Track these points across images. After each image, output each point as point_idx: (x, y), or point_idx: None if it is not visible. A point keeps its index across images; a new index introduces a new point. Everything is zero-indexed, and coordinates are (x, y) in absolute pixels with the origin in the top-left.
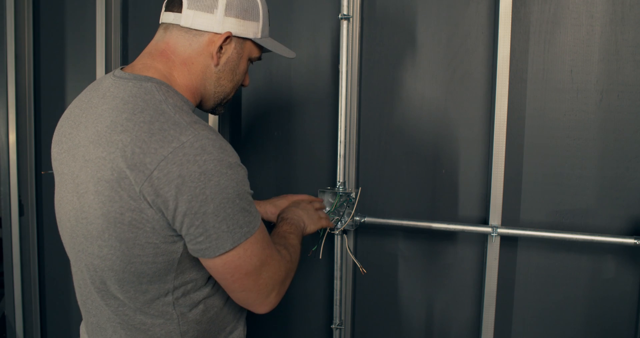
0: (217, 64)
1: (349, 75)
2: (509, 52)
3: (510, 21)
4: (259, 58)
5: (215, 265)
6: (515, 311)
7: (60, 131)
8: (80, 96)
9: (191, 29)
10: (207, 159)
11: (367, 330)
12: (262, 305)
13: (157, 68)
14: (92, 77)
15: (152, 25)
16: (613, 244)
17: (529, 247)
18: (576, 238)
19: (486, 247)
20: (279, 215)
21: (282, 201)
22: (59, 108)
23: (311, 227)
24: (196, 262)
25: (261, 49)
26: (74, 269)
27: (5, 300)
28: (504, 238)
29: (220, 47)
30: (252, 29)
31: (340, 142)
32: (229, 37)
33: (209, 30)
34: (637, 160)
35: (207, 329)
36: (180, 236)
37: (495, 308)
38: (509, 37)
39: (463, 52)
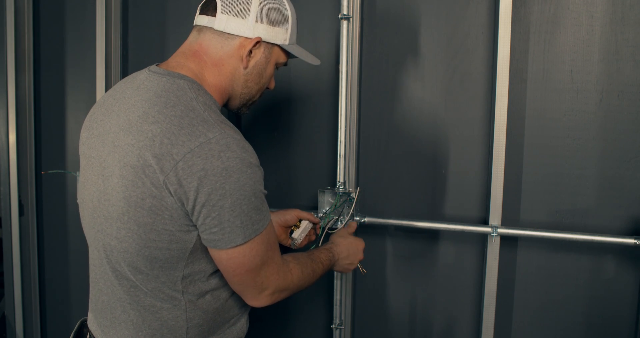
0: (245, 67)
1: (349, 75)
2: (509, 52)
3: (510, 21)
4: (285, 64)
5: (221, 257)
6: (515, 311)
7: (92, 117)
8: (114, 87)
9: (224, 32)
10: (230, 157)
11: (367, 330)
12: (254, 299)
13: (190, 67)
14: (92, 77)
15: (152, 26)
16: (613, 244)
17: (529, 247)
18: (576, 238)
19: (486, 247)
20: (330, 240)
21: (289, 216)
22: (59, 108)
23: (337, 269)
24: (207, 253)
25: (288, 55)
26: (90, 248)
27: (5, 300)
28: (504, 238)
29: (250, 51)
30: (281, 36)
31: (340, 142)
32: (258, 42)
33: (240, 34)
34: (637, 160)
35: (212, 318)
36: (195, 226)
37: (495, 308)
38: (509, 37)
39: (463, 52)
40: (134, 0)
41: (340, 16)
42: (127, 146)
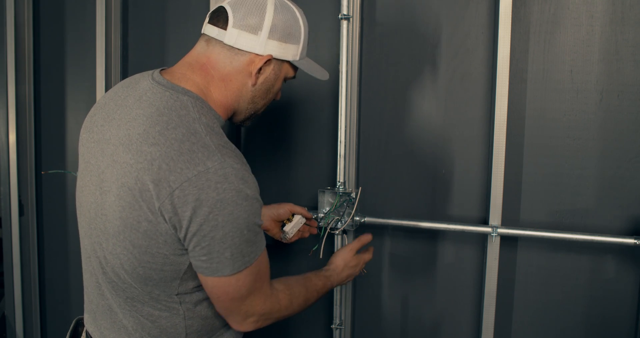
0: (254, 84)
1: (349, 75)
2: (509, 52)
3: (510, 21)
4: (294, 77)
5: (206, 282)
6: (515, 311)
7: (93, 119)
8: (116, 89)
9: (234, 47)
10: (226, 188)
11: (367, 330)
12: (238, 324)
13: (195, 81)
14: (92, 77)
15: (152, 26)
16: (613, 244)
17: (529, 247)
18: (576, 238)
19: (486, 247)
20: (330, 262)
21: (282, 210)
22: (59, 108)
23: (336, 283)
24: None
25: (297, 68)
26: (85, 254)
27: (5, 300)
28: (504, 238)
29: (260, 68)
30: (292, 52)
31: (340, 142)
32: (269, 60)
33: (251, 51)
34: (637, 160)
35: (210, 323)
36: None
37: (495, 308)
38: (509, 37)
39: (463, 52)
40: (134, 0)
41: (340, 16)
42: (125, 165)
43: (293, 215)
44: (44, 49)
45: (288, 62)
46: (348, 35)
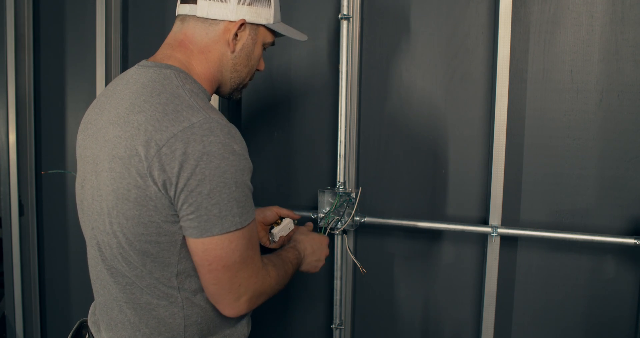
0: (233, 51)
1: (349, 75)
2: (509, 52)
3: (510, 21)
4: (273, 43)
5: (197, 247)
6: (515, 311)
7: (87, 119)
8: (107, 86)
9: (207, 18)
10: (212, 141)
11: (367, 330)
12: (230, 306)
13: (177, 57)
14: (92, 77)
15: (152, 25)
16: (613, 244)
17: (529, 247)
18: (576, 238)
19: (486, 247)
20: (292, 239)
21: (268, 213)
22: (59, 108)
23: (305, 268)
24: None
25: (274, 34)
26: (88, 248)
27: (5, 300)
28: (504, 238)
29: (236, 35)
30: (265, 15)
31: (340, 142)
32: (243, 25)
33: (223, 18)
34: (637, 160)
35: (210, 317)
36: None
37: (495, 308)
38: (509, 37)
39: (463, 52)
40: (134, 0)
41: (340, 16)
42: (115, 138)
43: (282, 219)
44: (44, 49)
45: (264, 26)
46: (348, 35)
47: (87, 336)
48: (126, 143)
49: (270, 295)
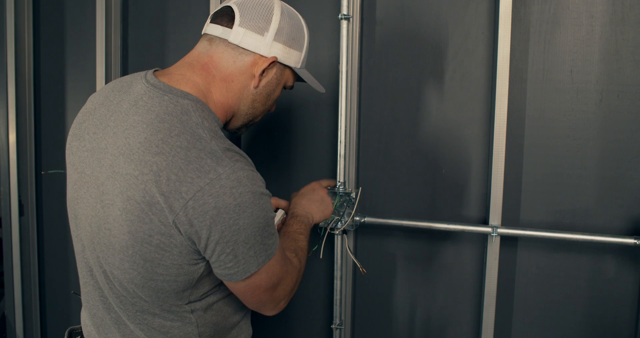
0: (256, 86)
1: (349, 75)
2: (509, 52)
3: (510, 21)
4: (292, 87)
5: (238, 287)
6: (515, 311)
7: (83, 125)
8: (106, 93)
9: (239, 47)
10: (242, 192)
11: (367, 330)
12: (272, 311)
13: (196, 82)
14: (92, 77)
15: (152, 26)
16: (613, 244)
17: (529, 247)
18: (576, 238)
19: (486, 247)
20: (290, 208)
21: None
22: (59, 108)
23: (317, 217)
24: (212, 276)
25: (295, 78)
26: (87, 267)
27: (5, 300)
28: (504, 238)
29: (263, 71)
30: (294, 58)
31: (340, 142)
32: (273, 62)
33: (256, 51)
34: (637, 160)
35: (222, 327)
36: (203, 258)
37: (495, 308)
38: (509, 37)
39: (463, 52)
40: (134, 0)
41: (340, 16)
42: (129, 177)
43: (277, 209)
44: (44, 49)
45: (290, 69)
46: (348, 35)
47: None
48: (144, 186)
49: (300, 280)
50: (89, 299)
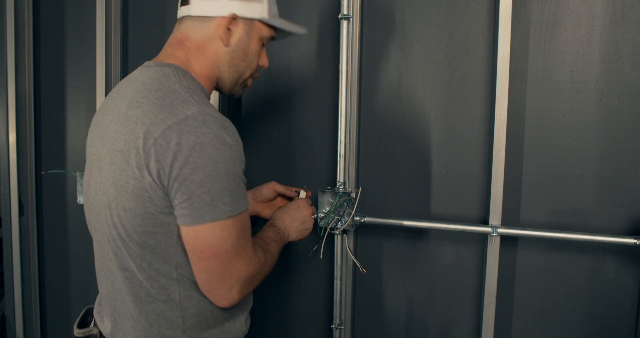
0: (227, 45)
1: (349, 75)
2: (509, 52)
3: (510, 21)
4: (273, 38)
5: (189, 235)
6: (515, 311)
7: (94, 120)
8: (114, 87)
9: (201, 16)
10: (205, 132)
11: (367, 330)
12: (222, 296)
13: (177, 56)
14: (92, 77)
15: (152, 25)
16: (613, 244)
17: (529, 247)
18: (576, 238)
19: (486, 247)
20: (270, 218)
21: (265, 190)
22: (59, 108)
23: (294, 237)
24: None
25: (273, 29)
26: (94, 242)
27: (5, 300)
28: (504, 238)
29: (229, 29)
30: (257, 10)
31: (340, 142)
32: (235, 19)
33: (216, 14)
34: (637, 160)
35: (209, 309)
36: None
37: (495, 308)
38: (509, 37)
39: (463, 52)
40: (134, 0)
41: (340, 16)
42: (116, 134)
43: (280, 195)
44: (44, 49)
45: (260, 21)
46: (348, 35)
47: (92, 322)
48: (125, 137)
49: (259, 279)
50: (97, 270)
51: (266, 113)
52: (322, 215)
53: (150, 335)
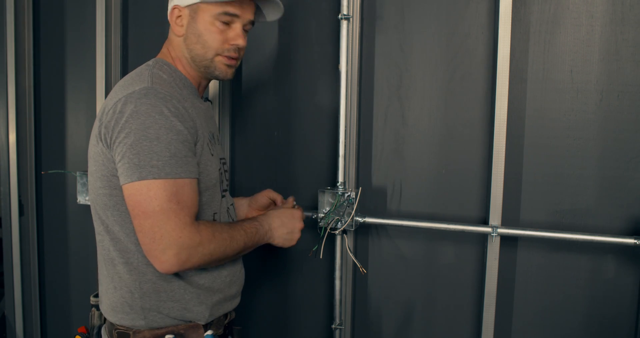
0: (179, 35)
1: (349, 75)
2: (509, 52)
3: (510, 21)
4: (230, 14)
5: (125, 194)
6: (515, 311)
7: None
8: None
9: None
10: (144, 102)
11: (367, 330)
12: (158, 259)
13: (163, 51)
14: (92, 77)
15: (152, 25)
16: (613, 244)
17: (529, 247)
18: (576, 238)
19: (486, 247)
20: (262, 214)
21: (260, 197)
22: (59, 108)
23: (277, 242)
24: None
25: (224, 4)
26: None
27: (5, 300)
28: (504, 238)
29: (178, 19)
30: None
31: (340, 142)
32: (178, 9)
33: (169, 11)
34: (637, 160)
35: (166, 278)
36: None
37: (495, 308)
38: (509, 37)
39: (463, 52)
40: (134, 0)
41: (340, 16)
42: (96, 121)
43: (274, 202)
44: (44, 49)
45: (203, 3)
46: (348, 35)
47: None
48: (98, 119)
49: (207, 256)
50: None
51: (267, 113)
52: (322, 214)
53: (114, 299)
